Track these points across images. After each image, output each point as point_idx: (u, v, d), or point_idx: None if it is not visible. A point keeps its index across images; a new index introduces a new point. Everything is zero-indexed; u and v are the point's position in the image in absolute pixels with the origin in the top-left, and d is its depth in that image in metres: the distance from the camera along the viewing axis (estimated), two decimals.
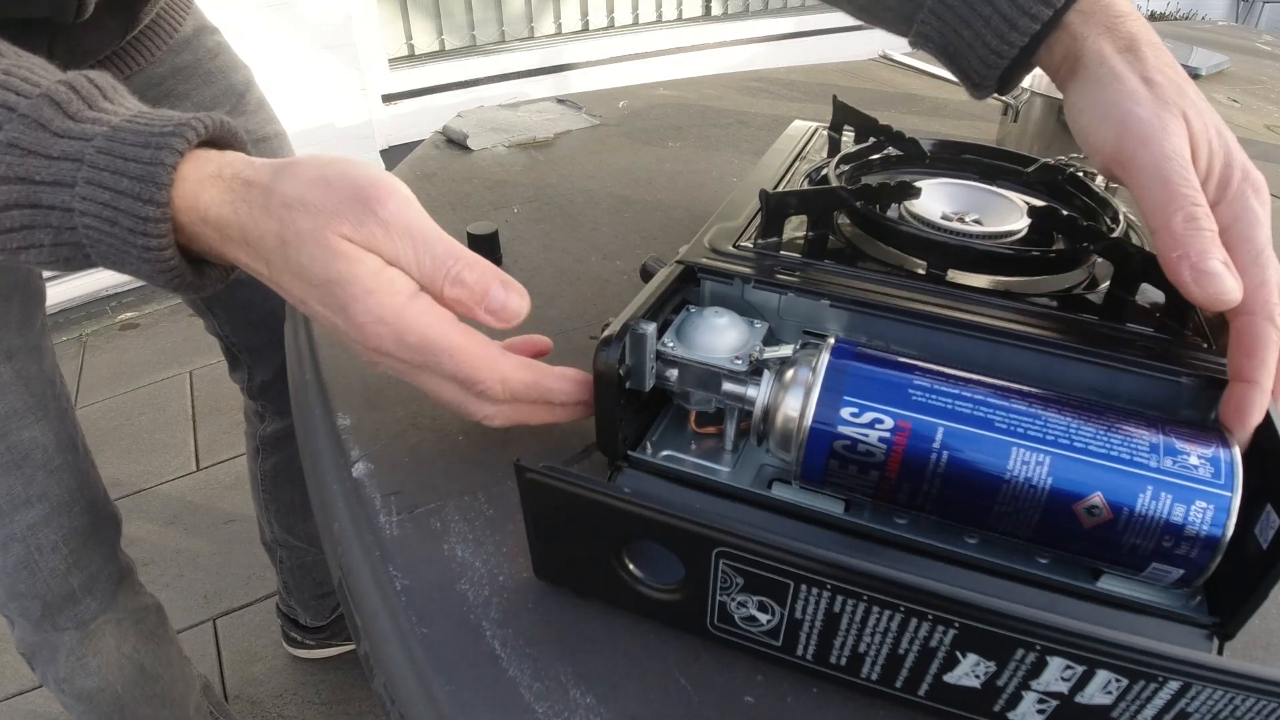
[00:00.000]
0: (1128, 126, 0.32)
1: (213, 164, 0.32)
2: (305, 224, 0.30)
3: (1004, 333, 0.33)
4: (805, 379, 0.30)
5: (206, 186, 0.32)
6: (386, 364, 0.32)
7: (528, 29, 2.55)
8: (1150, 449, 0.27)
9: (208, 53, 0.73)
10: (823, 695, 0.28)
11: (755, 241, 0.38)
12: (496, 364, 0.32)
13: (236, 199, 0.31)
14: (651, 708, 0.28)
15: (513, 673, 0.29)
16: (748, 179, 0.46)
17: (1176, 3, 3.75)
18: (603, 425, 0.33)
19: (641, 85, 0.96)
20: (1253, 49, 1.29)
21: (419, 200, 0.32)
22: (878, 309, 0.34)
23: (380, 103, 2.33)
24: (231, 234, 0.32)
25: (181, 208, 0.32)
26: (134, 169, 0.31)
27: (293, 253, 0.31)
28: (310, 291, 0.31)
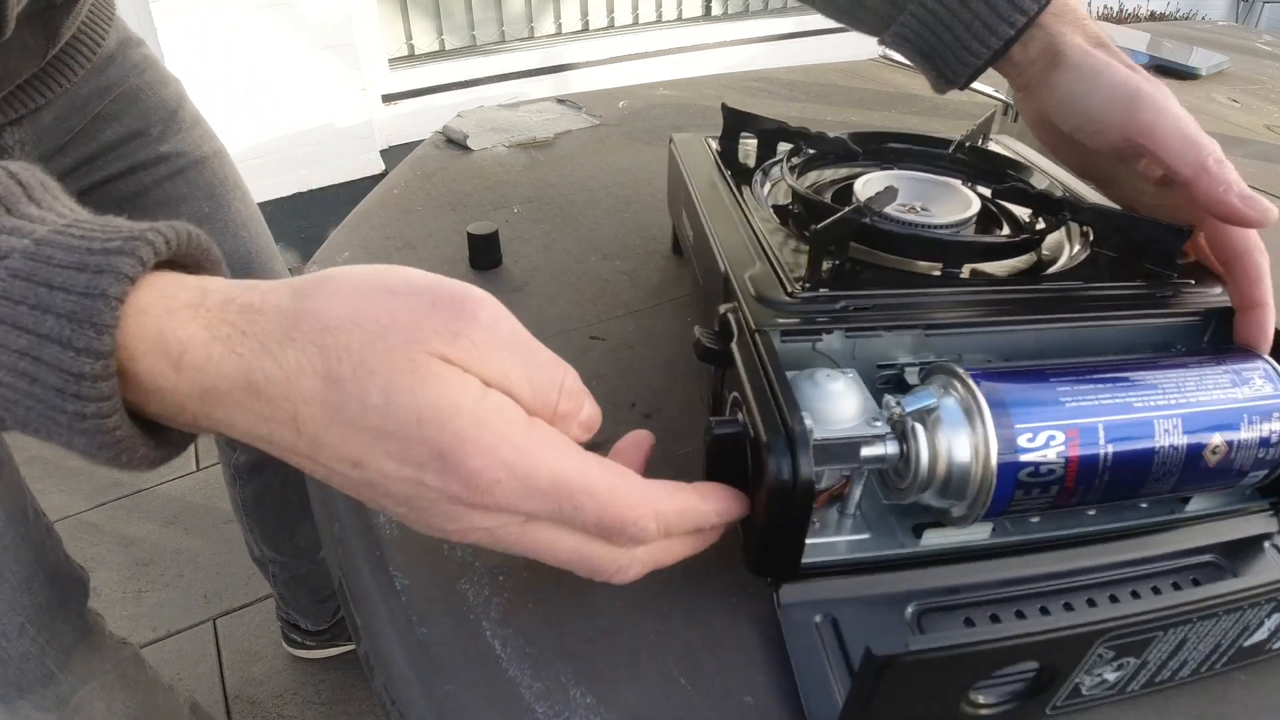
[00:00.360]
0: (1140, 100, 0.36)
1: (189, 289, 0.24)
2: (372, 348, 0.23)
3: (1077, 316, 0.34)
4: (962, 419, 0.28)
5: (182, 320, 0.23)
6: (487, 530, 0.24)
7: (528, 29, 2.55)
8: (1230, 383, 0.31)
9: (134, 67, 0.66)
10: None
11: (803, 285, 0.34)
12: (648, 496, 0.25)
13: (234, 333, 0.23)
14: (651, 708, 0.28)
15: (513, 673, 0.29)
16: (715, 213, 0.42)
17: (1176, 3, 3.75)
18: (781, 544, 0.28)
19: (641, 85, 0.96)
20: (1253, 49, 1.29)
21: (419, 200, 0.32)
22: (973, 326, 0.33)
23: (380, 103, 2.33)
24: (225, 385, 0.23)
25: (137, 353, 0.23)
26: (63, 302, 0.22)
27: (353, 392, 0.22)
28: (380, 446, 0.23)
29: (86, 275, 0.22)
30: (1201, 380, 0.31)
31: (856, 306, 0.33)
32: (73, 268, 0.22)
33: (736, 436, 0.29)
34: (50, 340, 0.22)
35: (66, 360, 0.22)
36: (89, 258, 0.22)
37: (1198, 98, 1.02)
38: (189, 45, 1.89)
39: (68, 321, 0.22)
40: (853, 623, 0.29)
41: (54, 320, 0.22)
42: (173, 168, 0.69)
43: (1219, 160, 0.34)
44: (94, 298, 0.22)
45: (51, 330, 0.22)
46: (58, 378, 0.22)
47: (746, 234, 0.39)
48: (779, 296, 0.33)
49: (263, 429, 0.23)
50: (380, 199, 0.64)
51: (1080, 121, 0.39)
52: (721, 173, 0.46)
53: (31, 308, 0.22)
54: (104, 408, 0.22)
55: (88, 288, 0.22)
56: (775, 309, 0.33)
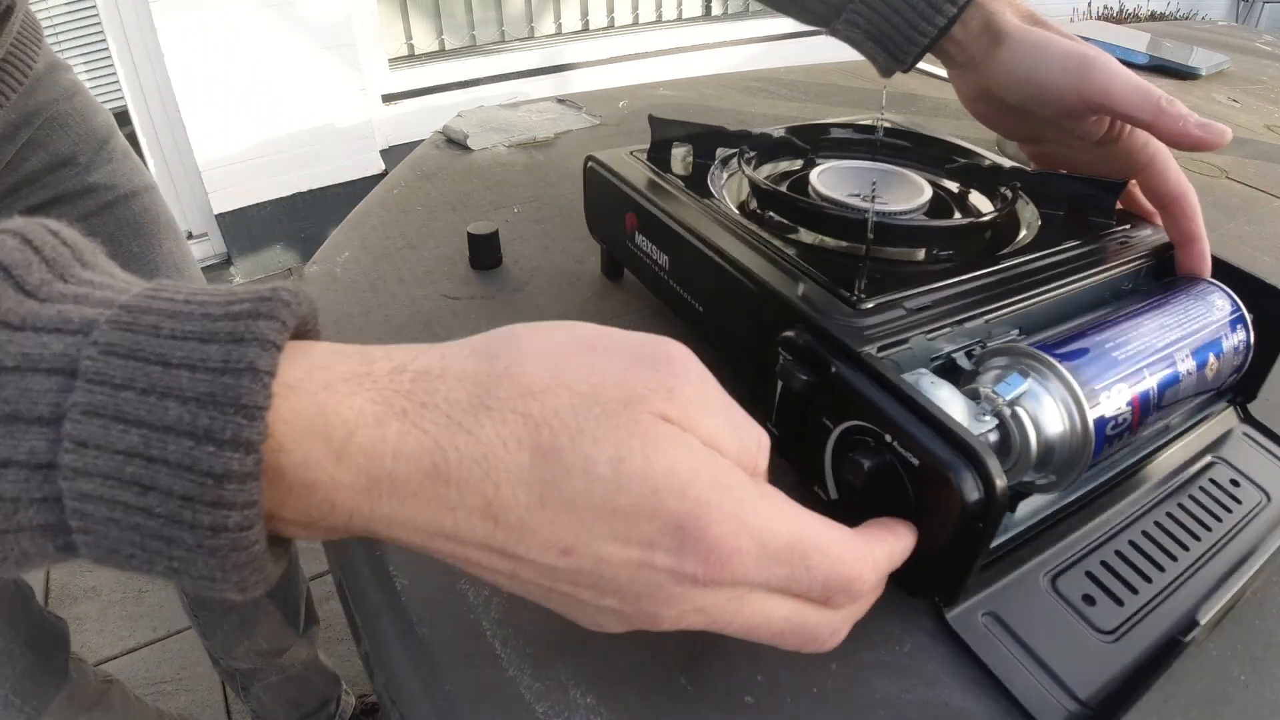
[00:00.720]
0: (1091, 64, 0.39)
1: (348, 356, 0.20)
2: (589, 412, 0.19)
3: (1083, 276, 0.37)
4: (1051, 394, 0.30)
5: (343, 394, 0.19)
6: (703, 610, 0.21)
7: (528, 29, 2.55)
8: (1202, 309, 0.36)
9: (64, 92, 0.61)
10: (823, 695, 0.28)
11: (859, 295, 0.33)
12: (864, 547, 0.23)
13: (413, 406, 0.19)
14: (651, 708, 0.28)
15: (513, 673, 0.29)
16: (708, 230, 0.39)
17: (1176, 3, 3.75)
18: (964, 562, 0.27)
19: (641, 85, 0.96)
20: (1253, 49, 1.29)
21: (419, 200, 0.32)
22: (1018, 304, 0.35)
23: (380, 103, 2.33)
24: (404, 470, 0.19)
25: (287, 440, 0.18)
26: (190, 382, 0.17)
27: (573, 464, 0.19)
28: (603, 526, 0.19)
29: (219, 346, 0.18)
30: (1185, 311, 0.35)
31: (920, 306, 0.33)
32: (195, 338, 0.18)
33: (889, 467, 0.27)
34: (176, 433, 0.17)
35: (203, 458, 0.17)
36: (214, 324, 0.18)
37: (1198, 98, 1.02)
38: (189, 45, 1.89)
39: (202, 407, 0.17)
40: (1010, 611, 0.30)
41: (179, 407, 0.17)
42: (100, 201, 0.64)
43: (1169, 100, 0.38)
44: (238, 373, 0.17)
45: (178, 420, 0.17)
46: (187, 483, 0.17)
47: (756, 248, 0.37)
48: (847, 310, 0.32)
49: (446, 521, 0.19)
50: (380, 199, 0.64)
51: (1032, 92, 0.41)
52: (677, 186, 0.44)
53: (142, 393, 0.17)
54: (249, 516, 0.18)
55: (225, 361, 0.17)
56: (857, 325, 0.31)
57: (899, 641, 0.30)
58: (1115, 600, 0.31)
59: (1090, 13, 3.42)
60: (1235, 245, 0.63)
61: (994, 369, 0.32)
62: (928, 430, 0.26)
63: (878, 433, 0.28)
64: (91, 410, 0.17)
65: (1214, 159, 0.81)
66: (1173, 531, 0.34)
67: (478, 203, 0.65)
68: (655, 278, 0.44)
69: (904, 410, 0.27)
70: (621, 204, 0.45)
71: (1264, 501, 0.36)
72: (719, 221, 0.40)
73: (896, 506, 0.27)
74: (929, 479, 0.26)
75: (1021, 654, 0.29)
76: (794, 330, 0.32)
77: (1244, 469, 0.38)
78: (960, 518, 0.25)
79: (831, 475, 0.31)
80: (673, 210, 0.41)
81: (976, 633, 0.30)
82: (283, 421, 0.18)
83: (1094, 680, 0.28)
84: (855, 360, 0.29)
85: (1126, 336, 0.33)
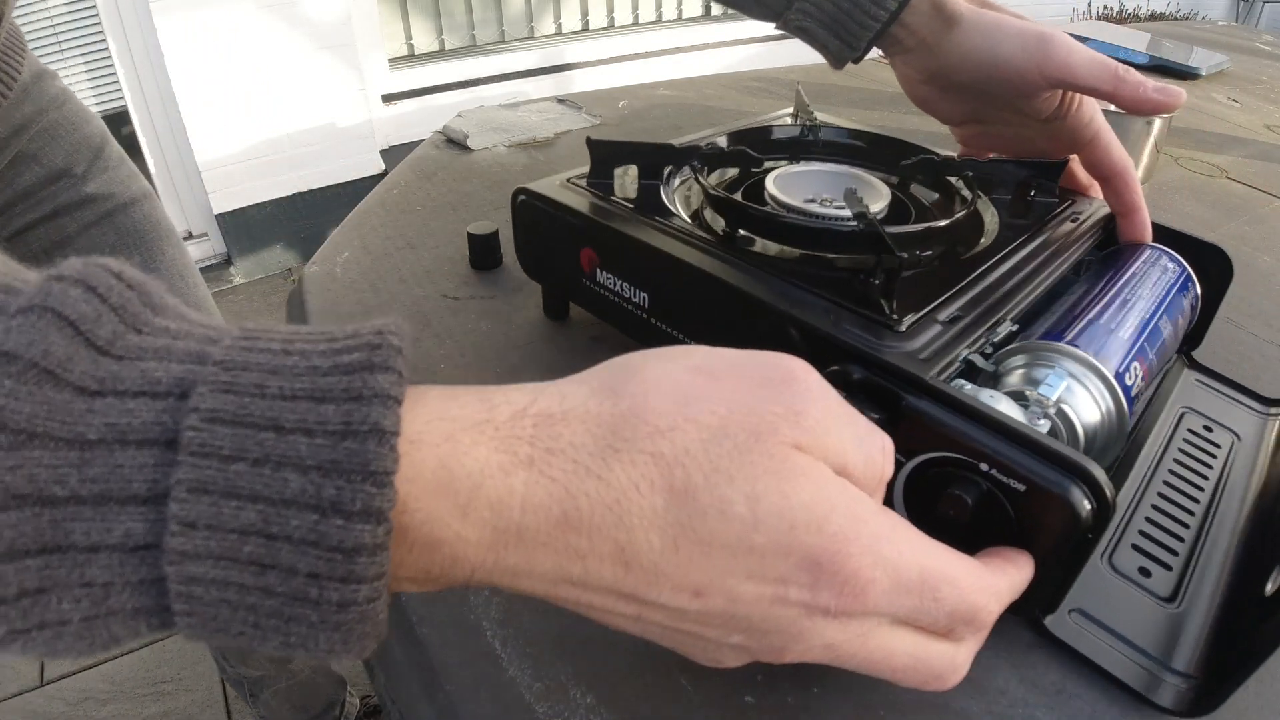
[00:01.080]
0: (1049, 41, 0.40)
1: (468, 403, 0.19)
2: (720, 447, 0.19)
3: (1065, 258, 0.38)
4: (1086, 386, 0.31)
5: (466, 445, 0.18)
6: (831, 645, 0.20)
7: (528, 29, 2.55)
8: (1159, 272, 0.39)
9: (52, 101, 0.60)
10: (823, 695, 0.28)
11: (894, 315, 0.32)
12: (991, 577, 0.23)
13: (538, 453, 0.18)
14: (651, 708, 0.28)
15: (513, 673, 0.29)
16: (699, 260, 0.36)
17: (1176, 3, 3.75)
18: (1064, 580, 0.27)
19: (641, 85, 0.96)
20: (1253, 49, 1.29)
21: (419, 200, 0.32)
22: (1027, 293, 0.36)
23: (380, 103, 2.33)
24: (533, 520, 0.18)
25: (411, 499, 0.17)
26: (310, 449, 0.16)
27: (708, 505, 0.18)
28: (739, 565, 0.19)
29: (336, 406, 0.16)
30: (1151, 279, 0.38)
31: (951, 318, 0.32)
32: (307, 397, 0.16)
33: (989, 496, 0.26)
34: (299, 507, 0.15)
35: (331, 533, 0.15)
36: (326, 379, 0.16)
37: (1198, 98, 1.02)
38: (189, 45, 1.89)
39: (326, 476, 0.15)
40: (1089, 601, 0.30)
41: (300, 478, 0.15)
42: (99, 211, 0.62)
43: (1125, 69, 0.41)
44: (362, 436, 0.15)
45: (300, 493, 0.15)
46: (314, 559, 0.15)
47: (760, 274, 0.35)
48: (890, 335, 0.30)
49: (575, 569, 0.18)
50: (380, 199, 0.64)
51: (991, 71, 0.42)
52: (639, 213, 0.40)
53: (255, 464, 0.15)
54: (377, 588, 0.16)
55: (346, 423, 0.16)
56: (909, 350, 0.30)
57: None
58: (1165, 566, 0.32)
59: (1090, 13, 3.42)
60: (1235, 245, 0.63)
61: (1016, 368, 0.32)
62: (1028, 453, 0.25)
63: (969, 463, 0.26)
64: (200, 487, 0.15)
65: (1214, 159, 0.81)
66: (1181, 488, 0.36)
67: (478, 203, 0.65)
68: (628, 317, 0.39)
69: (996, 436, 0.26)
70: (571, 239, 0.41)
71: (1236, 440, 0.40)
72: (706, 249, 0.36)
73: (993, 531, 0.26)
74: (1037, 502, 0.25)
75: (1114, 641, 0.29)
76: (841, 365, 0.29)
77: (1209, 413, 0.41)
78: (1075, 534, 0.25)
79: (904, 508, 0.29)
80: (650, 241, 0.37)
81: (1074, 632, 0.30)
82: (406, 480, 0.17)
83: (1184, 650, 0.29)
84: (928, 390, 0.28)
85: (1122, 313, 0.35)
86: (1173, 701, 0.28)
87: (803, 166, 0.45)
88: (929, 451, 0.27)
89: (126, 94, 2.00)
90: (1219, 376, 0.44)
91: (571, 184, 0.43)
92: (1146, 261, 0.39)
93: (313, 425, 0.16)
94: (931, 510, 0.28)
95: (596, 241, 0.40)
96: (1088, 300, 0.36)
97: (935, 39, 0.43)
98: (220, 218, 2.15)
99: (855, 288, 0.33)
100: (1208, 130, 0.89)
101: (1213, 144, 0.85)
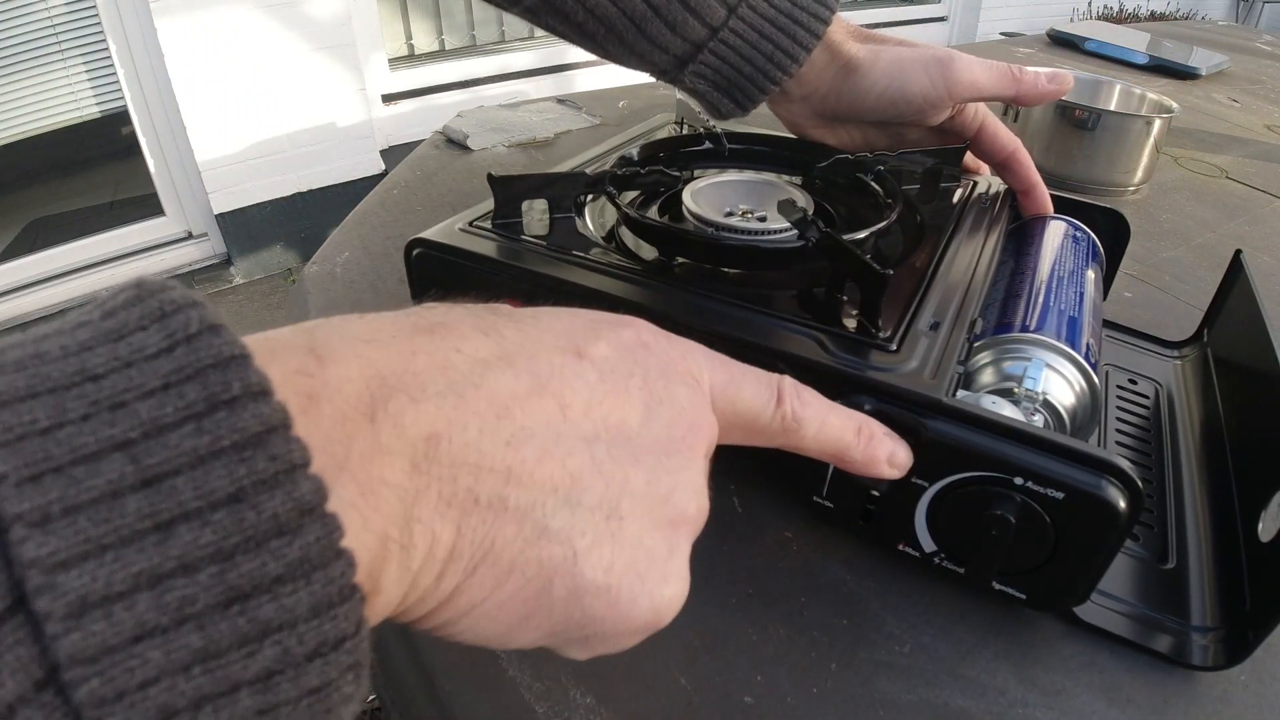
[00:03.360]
0: (950, 65, 0.43)
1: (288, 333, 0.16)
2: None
3: (998, 244, 0.39)
4: (1061, 372, 0.31)
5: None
6: None
7: (528, 29, 2.55)
8: (1075, 245, 0.41)
9: None
10: (823, 695, 0.28)
11: (882, 335, 0.31)
12: None
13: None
14: (651, 708, 0.28)
15: (513, 673, 0.29)
16: (649, 298, 0.33)
17: (1176, 3, 3.75)
18: (1097, 572, 0.27)
19: (642, 85, 0.96)
20: (1253, 49, 1.29)
21: (419, 200, 0.31)
22: (980, 284, 0.37)
23: (380, 103, 2.33)
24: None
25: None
26: (139, 373, 0.13)
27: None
28: None
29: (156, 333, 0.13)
30: (1067, 251, 0.40)
31: (932, 325, 0.31)
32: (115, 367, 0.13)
33: (1028, 509, 0.26)
34: (172, 427, 0.13)
35: (224, 439, 0.13)
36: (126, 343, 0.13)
37: (1198, 98, 1.02)
38: (189, 45, 1.89)
39: (182, 384, 0.13)
40: (1106, 580, 0.29)
41: (149, 402, 0.13)
42: None
43: (1019, 68, 0.44)
44: (200, 346, 0.13)
45: (158, 413, 0.13)
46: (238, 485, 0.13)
47: (729, 308, 0.32)
48: (888, 357, 0.29)
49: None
50: (380, 199, 0.64)
51: (898, 105, 0.44)
52: (555, 249, 0.36)
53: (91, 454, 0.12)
54: (331, 524, 0.14)
55: (170, 341, 0.13)
56: (912, 370, 0.28)
57: (899, 641, 0.30)
58: (1145, 525, 0.32)
59: (1090, 13, 3.42)
60: (1235, 245, 0.63)
61: (986, 364, 0.32)
62: (1059, 460, 0.25)
63: (1003, 479, 0.26)
64: (42, 514, 0.12)
65: (1214, 159, 0.81)
66: (1133, 445, 0.37)
67: (478, 203, 0.65)
68: None
69: (1028, 448, 0.26)
70: (487, 290, 0.35)
71: (1159, 388, 0.42)
72: (651, 285, 0.33)
73: (1031, 539, 0.26)
74: (1075, 507, 0.25)
75: (1131, 609, 0.30)
76: (848, 397, 0.28)
77: (1128, 366, 0.43)
78: (1115, 530, 0.25)
79: (929, 533, 0.29)
80: (587, 283, 0.33)
81: (1097, 614, 0.30)
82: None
83: (1195, 605, 0.30)
84: (946, 412, 0.27)
85: (1065, 292, 0.36)
86: (1204, 658, 0.28)
87: (715, 178, 0.42)
88: (957, 473, 0.27)
89: (126, 94, 2.00)
90: (1126, 329, 0.46)
91: (475, 227, 0.38)
92: (1062, 235, 0.41)
93: (129, 357, 0.13)
94: (966, 534, 0.27)
95: (520, 291, 0.35)
96: (1029, 283, 0.36)
97: (831, 87, 0.44)
98: (220, 218, 2.15)
99: (816, 303, 0.32)
100: (1208, 130, 0.89)
101: (1213, 144, 0.85)
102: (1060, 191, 0.44)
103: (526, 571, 0.17)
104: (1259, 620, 0.27)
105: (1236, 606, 0.29)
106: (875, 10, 3.18)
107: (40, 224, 2.13)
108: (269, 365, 0.14)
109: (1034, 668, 0.29)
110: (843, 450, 0.24)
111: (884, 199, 0.41)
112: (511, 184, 0.38)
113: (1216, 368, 0.41)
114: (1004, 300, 0.35)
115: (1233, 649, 0.28)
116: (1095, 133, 0.69)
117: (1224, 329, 0.42)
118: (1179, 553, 0.32)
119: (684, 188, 0.40)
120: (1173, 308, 0.53)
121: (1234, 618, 0.29)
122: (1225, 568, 0.31)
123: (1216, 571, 0.31)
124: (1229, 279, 0.42)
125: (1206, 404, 0.39)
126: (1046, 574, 0.27)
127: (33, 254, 2.01)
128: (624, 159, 0.43)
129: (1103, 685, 0.28)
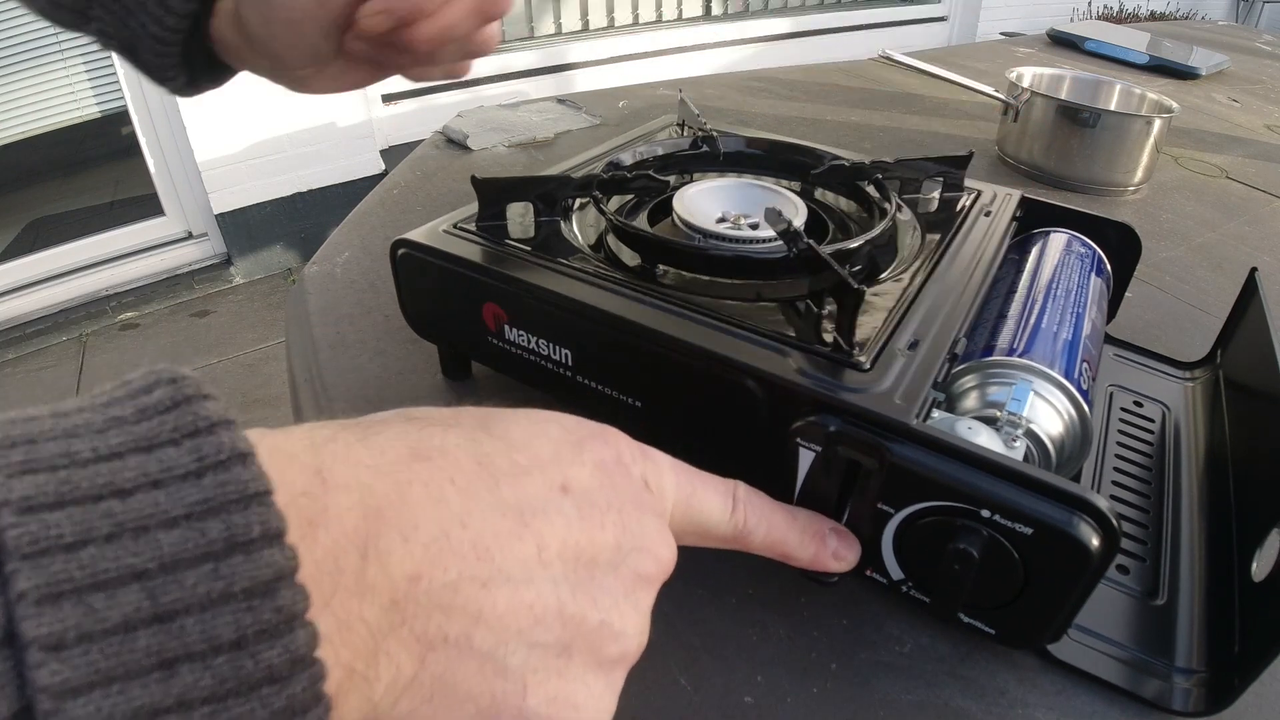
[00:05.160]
0: None
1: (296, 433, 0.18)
2: None
3: (994, 263, 0.38)
4: (1048, 398, 0.30)
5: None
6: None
7: (528, 29, 2.55)
8: (1079, 263, 0.38)
9: None
10: (823, 695, 0.28)
11: (854, 347, 0.30)
12: None
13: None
14: (651, 708, 0.28)
15: None
16: (623, 309, 0.32)
17: (1176, 3, 3.75)
18: (1070, 610, 0.26)
19: (642, 85, 0.96)
20: (1253, 49, 1.29)
21: (419, 200, 0.31)
22: (971, 304, 0.36)
23: (380, 103, 2.33)
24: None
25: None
26: (166, 498, 0.14)
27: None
28: None
29: (176, 447, 0.14)
30: (1067, 269, 0.38)
31: (911, 343, 0.30)
32: (132, 450, 0.14)
33: (994, 543, 0.25)
34: (188, 563, 0.13)
35: (239, 571, 0.14)
36: (141, 426, 0.14)
37: (1198, 98, 1.02)
38: None
39: (205, 519, 0.14)
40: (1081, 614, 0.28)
41: (172, 532, 0.13)
42: None
43: None
44: (223, 465, 0.14)
45: (180, 547, 0.13)
46: (231, 616, 0.13)
47: (700, 319, 0.31)
48: (857, 376, 0.28)
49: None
50: (380, 199, 0.64)
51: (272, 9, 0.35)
52: (544, 257, 0.35)
53: (110, 540, 0.13)
54: (312, 632, 0.15)
55: (199, 458, 0.14)
56: (882, 391, 0.27)
57: (899, 641, 0.30)
58: (1138, 559, 0.31)
59: (1090, 12, 3.42)
60: (1235, 245, 0.63)
61: (970, 388, 0.31)
62: (1028, 494, 0.24)
63: (969, 510, 0.25)
64: (51, 591, 0.12)
65: (1214, 159, 0.81)
66: (1132, 472, 0.36)
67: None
68: (548, 376, 0.35)
69: (996, 480, 0.24)
70: (468, 294, 0.35)
71: (1167, 411, 0.40)
72: (630, 293, 0.32)
73: (997, 572, 0.25)
74: (1045, 543, 0.24)
75: (1111, 648, 0.29)
76: (811, 417, 0.27)
77: (1135, 387, 0.41)
78: (1086, 570, 0.24)
79: (895, 561, 0.28)
80: (566, 291, 0.32)
81: (1075, 651, 0.29)
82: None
83: (1181, 645, 0.29)
84: (915, 437, 0.25)
85: (1060, 314, 0.34)
86: (1185, 703, 0.27)
87: (707, 183, 0.41)
88: (921, 501, 0.26)
89: (126, 94, 2.00)
90: (1135, 348, 0.45)
91: (459, 229, 0.37)
92: (1064, 251, 0.39)
93: (158, 475, 0.13)
94: (932, 563, 0.26)
95: (501, 296, 0.34)
96: (1022, 303, 0.34)
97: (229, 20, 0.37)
98: (220, 218, 2.15)
99: (799, 316, 0.31)
100: (1208, 130, 0.89)
101: (1213, 144, 0.85)
102: (1061, 191, 0.43)
103: (480, 702, 0.18)
104: (1246, 665, 0.26)
105: (1225, 649, 0.28)
106: (875, 10, 3.18)
107: (40, 224, 2.13)
108: (279, 484, 0.15)
109: (1034, 668, 0.29)
110: (789, 552, 0.26)
111: (879, 207, 0.40)
112: (496, 186, 0.38)
113: (1227, 392, 0.39)
114: (995, 320, 0.34)
115: (1216, 695, 0.27)
116: (1095, 132, 0.69)
117: (1236, 352, 0.40)
118: (1170, 588, 0.31)
119: (676, 192, 0.39)
120: (1172, 308, 0.53)
121: (1221, 661, 0.28)
122: (1218, 607, 0.30)
123: (1209, 610, 0.30)
124: (1244, 298, 0.40)
125: (1214, 430, 0.38)
126: (1016, 610, 0.26)
127: (33, 254, 2.01)
128: (612, 163, 0.42)
129: (1103, 685, 0.28)
